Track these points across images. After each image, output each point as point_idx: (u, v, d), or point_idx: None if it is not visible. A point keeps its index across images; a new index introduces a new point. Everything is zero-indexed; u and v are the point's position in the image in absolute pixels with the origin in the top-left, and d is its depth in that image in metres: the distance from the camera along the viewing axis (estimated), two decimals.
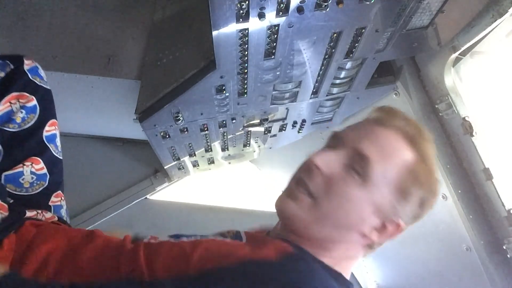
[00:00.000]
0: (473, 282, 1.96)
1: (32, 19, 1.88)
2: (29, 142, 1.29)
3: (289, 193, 1.04)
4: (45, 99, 1.37)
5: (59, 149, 1.40)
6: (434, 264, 2.16)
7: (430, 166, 1.04)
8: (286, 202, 1.03)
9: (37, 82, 1.34)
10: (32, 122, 1.31)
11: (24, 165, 1.25)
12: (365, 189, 0.98)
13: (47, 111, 1.37)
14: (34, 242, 1.02)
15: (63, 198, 1.38)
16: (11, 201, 1.20)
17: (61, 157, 1.40)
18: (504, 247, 1.75)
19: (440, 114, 1.78)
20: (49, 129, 1.36)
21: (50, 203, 1.31)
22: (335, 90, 1.81)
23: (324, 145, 1.13)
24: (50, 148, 1.34)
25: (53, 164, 1.34)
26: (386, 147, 1.01)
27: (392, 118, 1.05)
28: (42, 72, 1.40)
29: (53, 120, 1.39)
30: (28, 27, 1.88)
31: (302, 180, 1.02)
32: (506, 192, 1.70)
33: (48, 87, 1.39)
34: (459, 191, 1.82)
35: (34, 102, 1.32)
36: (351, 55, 1.53)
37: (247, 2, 1.15)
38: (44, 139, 1.33)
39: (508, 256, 1.75)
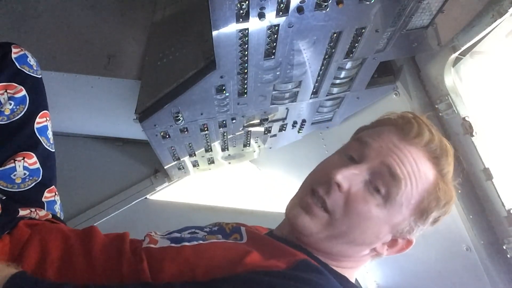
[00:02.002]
0: (473, 282, 1.95)
1: (32, 19, 1.88)
2: (19, 135, 1.23)
3: (303, 205, 0.99)
4: (35, 89, 1.30)
5: (51, 141, 1.34)
6: (434, 264, 2.16)
7: (449, 185, 1.02)
8: (301, 215, 0.98)
9: (25, 71, 1.28)
10: (22, 113, 1.25)
11: (16, 160, 1.20)
12: (386, 210, 0.95)
13: (38, 102, 1.30)
14: (28, 244, 0.97)
15: (56, 193, 1.34)
16: (3, 197, 1.16)
17: (53, 150, 1.34)
18: (504, 247, 1.75)
19: (440, 114, 1.77)
20: (40, 121, 1.29)
21: (43, 199, 1.27)
22: (335, 90, 1.81)
23: (342, 150, 1.07)
24: (42, 141, 1.28)
25: (46, 158, 1.29)
26: (413, 169, 0.96)
27: (420, 134, 0.99)
28: (32, 60, 1.33)
29: (44, 111, 1.32)
30: (28, 27, 1.88)
31: (319, 195, 0.97)
32: (506, 192, 1.70)
33: (38, 76, 1.32)
34: (459, 191, 1.82)
35: (23, 92, 1.25)
36: (351, 55, 1.53)
37: (247, 2, 1.15)
38: (36, 131, 1.27)
39: (508, 256, 1.75)
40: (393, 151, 0.97)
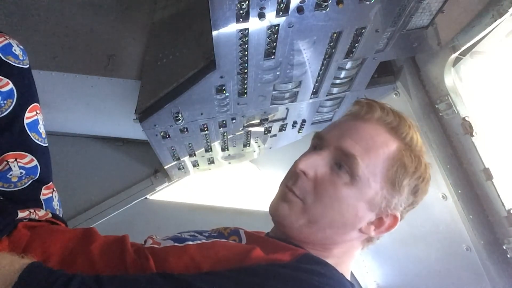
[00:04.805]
0: (473, 282, 1.96)
1: (32, 19, 1.88)
2: (9, 133, 1.16)
3: (281, 197, 1.04)
4: (23, 81, 1.21)
5: (43, 135, 1.27)
6: (434, 264, 2.16)
7: (417, 153, 1.03)
8: (279, 205, 1.02)
9: (11, 63, 1.18)
10: (10, 109, 1.16)
11: (9, 162, 1.15)
12: (355, 187, 0.97)
13: (26, 95, 1.21)
14: (29, 248, 0.96)
15: (54, 189, 1.30)
16: (1, 198, 1.14)
17: (46, 144, 1.28)
18: (504, 247, 1.75)
19: (440, 114, 1.78)
20: (30, 116, 1.21)
21: (41, 197, 1.24)
22: (335, 90, 1.81)
23: (309, 148, 1.12)
24: (33, 138, 1.22)
25: (39, 154, 1.23)
26: (369, 142, 0.99)
27: (370, 110, 1.04)
28: (18, 49, 1.23)
29: (34, 104, 1.24)
30: (28, 27, 1.88)
31: (289, 186, 1.02)
32: (506, 192, 1.71)
33: (25, 66, 1.23)
34: (459, 191, 1.82)
35: (10, 85, 1.16)
36: (351, 55, 1.53)
37: (247, 2, 1.15)
38: (26, 127, 1.20)
39: (508, 256, 1.75)
40: (345, 133, 1.02)
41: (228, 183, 3.13)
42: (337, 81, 1.75)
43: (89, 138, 2.83)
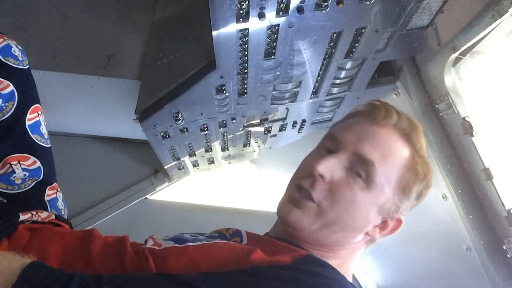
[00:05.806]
0: (473, 282, 1.95)
1: (32, 19, 1.88)
2: (11, 136, 1.16)
3: (292, 200, 1.02)
4: (23, 82, 1.20)
5: (46, 136, 1.27)
6: (434, 264, 2.16)
7: (425, 159, 1.05)
8: (291, 210, 1.01)
9: (11, 64, 1.18)
10: (11, 111, 1.15)
11: (12, 164, 1.14)
12: (370, 192, 0.98)
13: (27, 97, 1.20)
14: (27, 249, 0.95)
15: (58, 189, 1.29)
16: (4, 201, 1.13)
17: (49, 145, 1.28)
18: (504, 247, 1.75)
19: (440, 114, 1.78)
20: (32, 117, 1.20)
21: (45, 198, 1.23)
22: (335, 90, 1.81)
23: (319, 146, 1.11)
24: (35, 139, 1.21)
25: (42, 155, 1.23)
26: (386, 149, 1.00)
27: (387, 116, 1.04)
28: (17, 50, 1.21)
29: (35, 105, 1.23)
30: (28, 27, 1.88)
31: (305, 188, 1.00)
32: (506, 192, 1.70)
33: (24, 67, 1.22)
34: (459, 191, 1.82)
35: (10, 87, 1.15)
36: (351, 55, 1.53)
37: (247, 2, 1.15)
38: (28, 129, 1.19)
39: (508, 256, 1.75)
40: (363, 138, 1.01)
41: (228, 183, 3.13)
42: (337, 81, 1.75)
43: (89, 138, 2.83)
